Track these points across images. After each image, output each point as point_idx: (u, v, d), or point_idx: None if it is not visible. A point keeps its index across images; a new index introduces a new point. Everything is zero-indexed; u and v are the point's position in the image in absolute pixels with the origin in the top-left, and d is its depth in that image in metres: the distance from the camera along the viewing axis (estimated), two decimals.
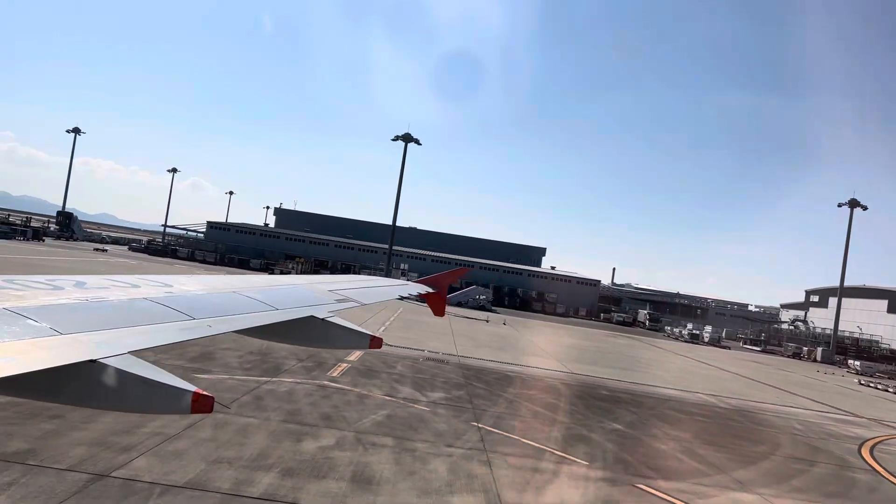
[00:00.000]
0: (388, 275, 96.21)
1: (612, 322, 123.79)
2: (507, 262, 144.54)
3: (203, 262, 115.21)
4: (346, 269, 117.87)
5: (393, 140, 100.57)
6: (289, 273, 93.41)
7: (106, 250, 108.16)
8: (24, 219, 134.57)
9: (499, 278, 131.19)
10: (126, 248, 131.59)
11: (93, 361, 2.90)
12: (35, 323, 3.15)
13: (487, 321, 69.16)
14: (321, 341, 5.74)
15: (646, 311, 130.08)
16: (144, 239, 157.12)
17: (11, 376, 2.53)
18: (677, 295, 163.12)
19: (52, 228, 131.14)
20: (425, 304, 10.59)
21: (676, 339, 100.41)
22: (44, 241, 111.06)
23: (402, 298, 9.47)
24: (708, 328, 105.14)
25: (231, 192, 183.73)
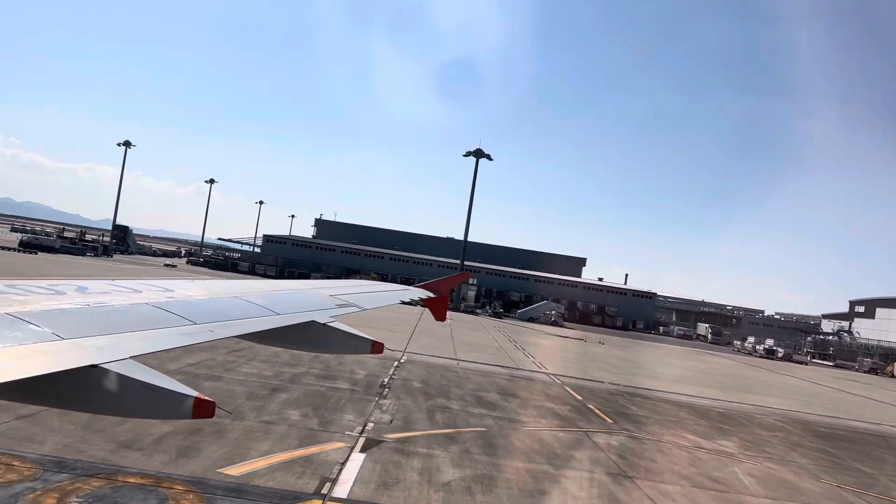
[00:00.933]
0: (458, 291, 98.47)
1: (671, 335, 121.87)
2: (551, 273, 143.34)
3: (264, 275, 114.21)
4: (407, 283, 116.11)
5: (465, 156, 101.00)
6: None
7: (175, 266, 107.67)
8: (79, 232, 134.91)
9: (553, 291, 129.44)
10: (184, 261, 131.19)
11: (94, 366, 2.91)
12: (37, 328, 3.16)
13: (599, 342, 68.27)
14: (322, 346, 5.74)
15: (707, 325, 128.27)
16: (180, 251, 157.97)
17: (13, 381, 2.54)
18: (702, 303, 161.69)
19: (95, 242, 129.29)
20: (431, 309, 10.57)
21: (749, 353, 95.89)
22: (111, 256, 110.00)
23: (403, 303, 9.46)
24: (769, 341, 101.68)
25: (261, 202, 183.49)
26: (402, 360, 29.06)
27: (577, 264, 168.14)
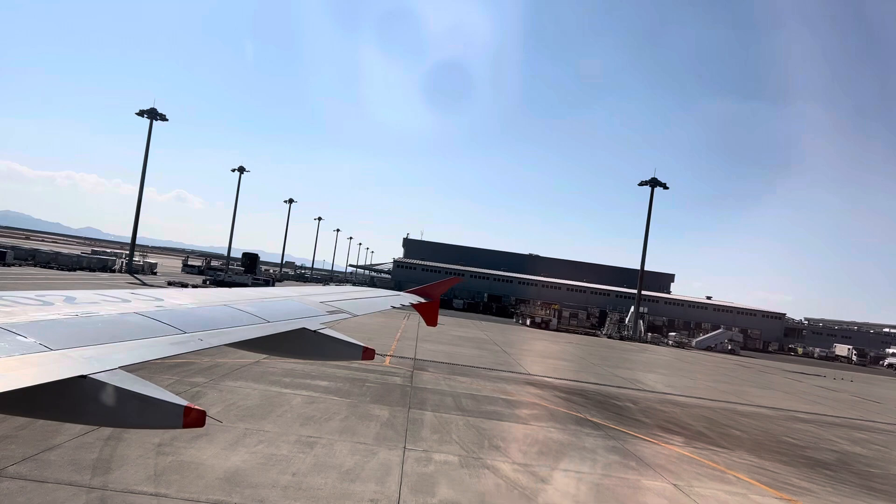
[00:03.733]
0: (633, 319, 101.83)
1: (811, 357, 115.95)
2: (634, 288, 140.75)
3: None
4: (521, 303, 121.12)
5: (640, 185, 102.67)
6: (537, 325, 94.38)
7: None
8: (205, 260, 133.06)
9: (668, 311, 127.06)
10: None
11: (83, 377, 2.89)
12: (24, 339, 3.13)
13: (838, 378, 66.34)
14: (313, 353, 5.72)
15: (848, 346, 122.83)
16: (303, 274, 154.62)
17: (1, 393, 2.51)
18: (819, 322, 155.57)
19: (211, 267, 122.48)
20: (423, 314, 10.55)
21: None
22: (275, 285, 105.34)
23: (394, 308, 9.45)
24: None
25: (319, 218, 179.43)
26: None
27: (665, 280, 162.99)
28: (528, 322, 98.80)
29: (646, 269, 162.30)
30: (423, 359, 33.22)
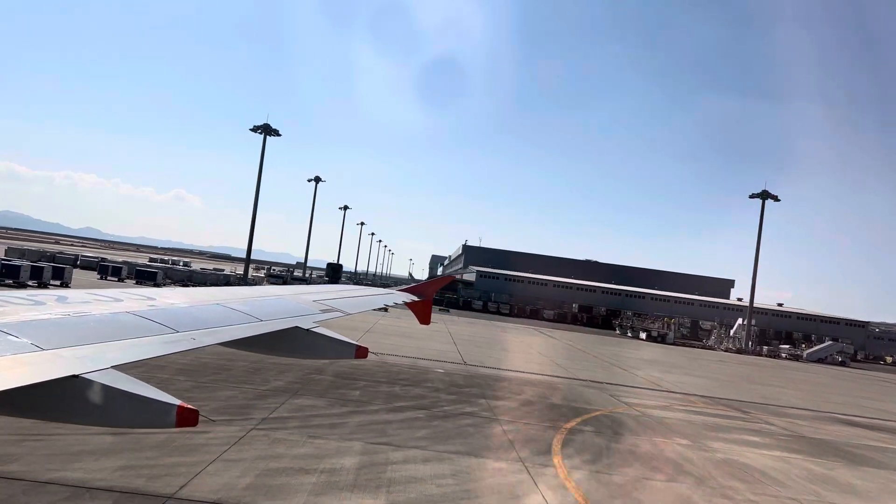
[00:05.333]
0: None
1: None
2: (695, 294, 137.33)
3: (497, 313, 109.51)
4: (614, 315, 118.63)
5: (750, 197, 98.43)
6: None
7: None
8: (288, 270, 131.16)
9: (763, 321, 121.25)
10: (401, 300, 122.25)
11: (75, 377, 2.89)
12: (15, 339, 3.13)
13: None
14: (306, 352, 5.73)
15: None
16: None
17: None
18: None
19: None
20: (416, 312, 10.55)
21: None
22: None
23: (386, 307, 9.46)
24: None
25: (362, 223, 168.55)
26: None
27: (724, 286, 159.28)
28: (642, 336, 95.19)
29: (706, 274, 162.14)
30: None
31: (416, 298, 10.10)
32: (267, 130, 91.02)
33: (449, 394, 23.45)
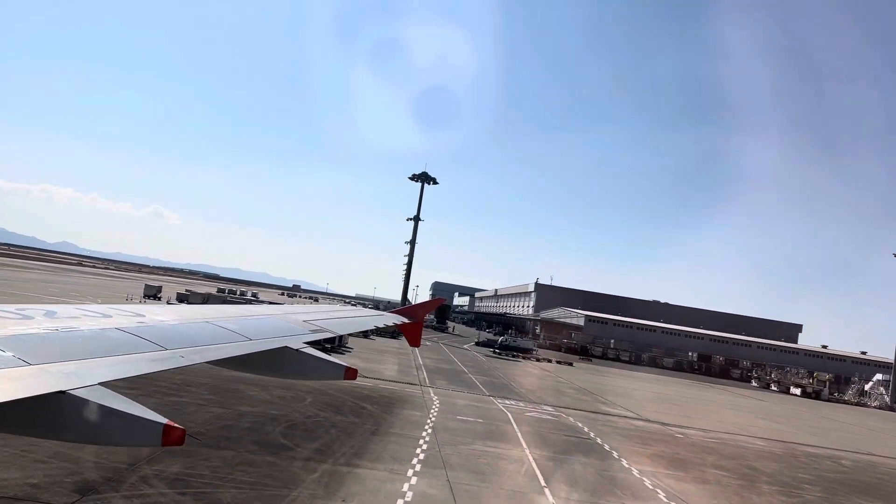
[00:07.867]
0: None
1: None
2: (762, 338, 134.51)
3: (616, 360, 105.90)
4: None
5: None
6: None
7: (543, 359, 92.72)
8: (360, 303, 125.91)
9: (844, 368, 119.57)
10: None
11: (62, 393, 2.86)
12: (1, 353, 3.10)
13: None
14: (295, 372, 5.69)
15: None
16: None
17: None
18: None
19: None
20: (406, 335, 10.50)
21: None
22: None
23: (377, 329, 9.42)
24: None
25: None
26: None
27: (792, 330, 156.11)
28: (795, 391, 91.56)
29: (768, 318, 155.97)
30: None
31: (406, 320, 10.08)
32: (424, 179, 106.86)
33: None
